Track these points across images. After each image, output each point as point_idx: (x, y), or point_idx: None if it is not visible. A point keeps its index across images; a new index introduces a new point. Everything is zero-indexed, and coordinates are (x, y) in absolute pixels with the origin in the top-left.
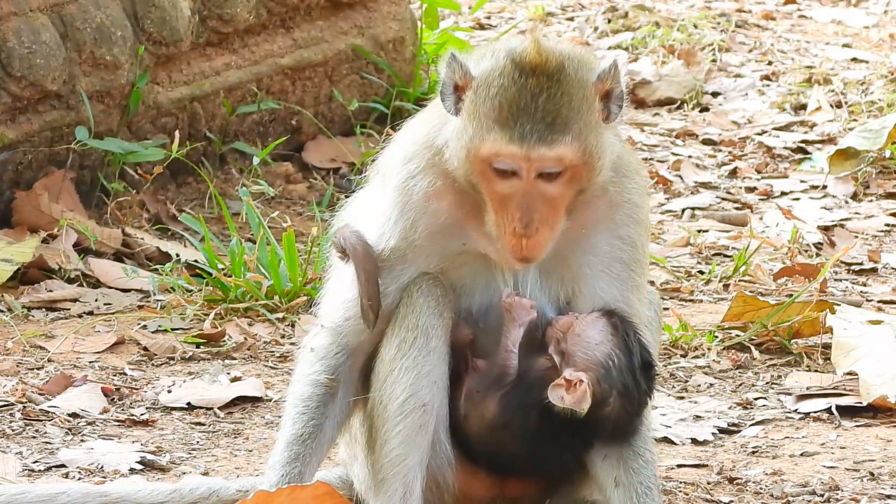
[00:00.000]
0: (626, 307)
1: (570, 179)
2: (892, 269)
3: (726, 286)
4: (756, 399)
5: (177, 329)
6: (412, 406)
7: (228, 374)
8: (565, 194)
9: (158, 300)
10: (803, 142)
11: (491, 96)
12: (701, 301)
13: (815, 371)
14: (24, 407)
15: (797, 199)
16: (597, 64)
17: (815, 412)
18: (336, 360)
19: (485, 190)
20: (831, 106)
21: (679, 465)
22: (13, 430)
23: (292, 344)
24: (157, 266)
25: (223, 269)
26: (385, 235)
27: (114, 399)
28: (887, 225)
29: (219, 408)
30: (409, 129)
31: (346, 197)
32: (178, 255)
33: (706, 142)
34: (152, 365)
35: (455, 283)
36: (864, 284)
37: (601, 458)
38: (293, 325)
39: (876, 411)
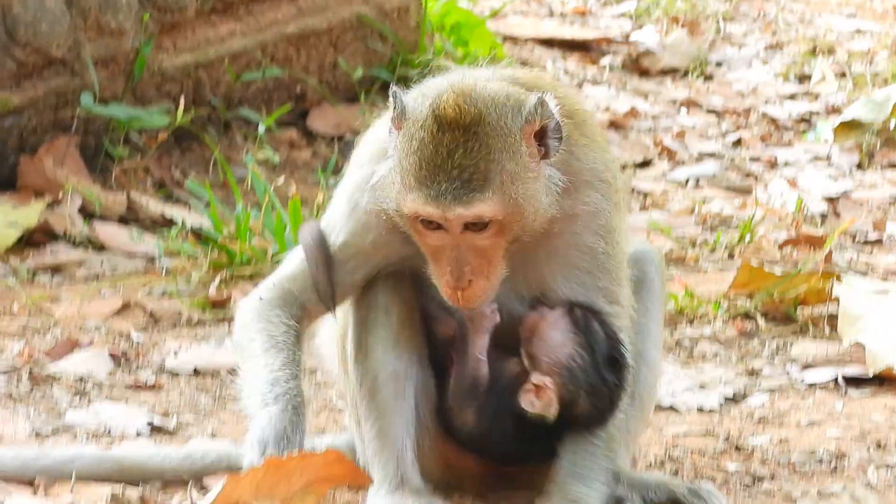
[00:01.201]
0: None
1: (500, 230)
2: None
3: (731, 255)
4: (762, 368)
5: (182, 294)
6: (384, 378)
7: None
8: (497, 245)
9: (164, 265)
10: (808, 112)
11: (412, 150)
12: (706, 270)
13: (821, 340)
14: (31, 370)
15: (802, 169)
16: (524, 105)
17: (821, 381)
18: (293, 309)
19: (418, 241)
20: (835, 76)
21: (685, 434)
22: (20, 394)
23: None
24: (163, 231)
25: (228, 235)
26: (337, 230)
27: (120, 363)
28: (892, 195)
29: (225, 372)
30: (374, 131)
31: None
32: (183, 220)
33: (710, 111)
34: (158, 329)
35: (428, 279)
36: (870, 254)
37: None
38: None
39: (882, 381)
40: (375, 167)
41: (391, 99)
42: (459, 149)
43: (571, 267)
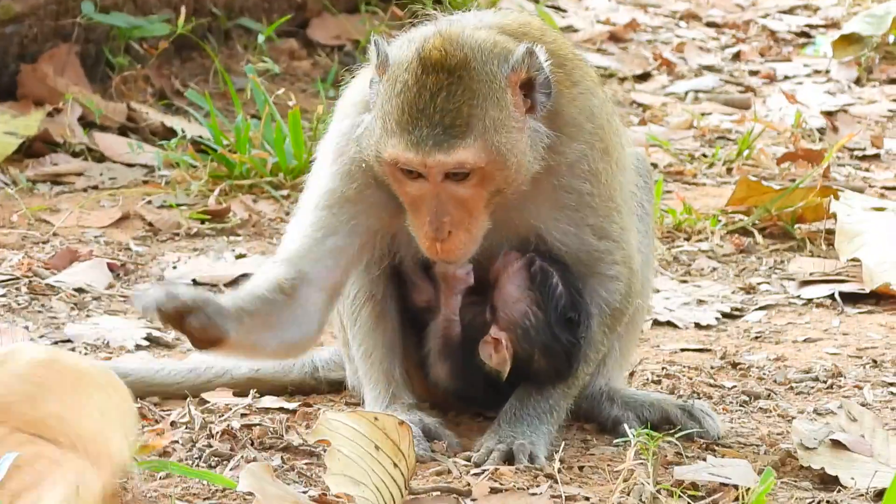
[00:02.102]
0: (582, 247)
1: (481, 180)
2: (895, 155)
3: (729, 170)
4: (759, 284)
5: (182, 205)
6: (362, 299)
7: (233, 250)
8: (478, 196)
9: (163, 175)
10: (807, 26)
11: (395, 94)
12: (704, 184)
13: (819, 257)
14: (30, 281)
15: (800, 83)
16: (511, 54)
17: (818, 298)
18: (291, 272)
19: (397, 190)
20: None
21: (682, 350)
22: (19, 304)
23: None
24: (162, 141)
25: (228, 146)
26: (322, 177)
27: (119, 274)
28: (890, 111)
29: (224, 284)
30: (357, 81)
31: (351, 75)
32: (182, 131)
33: (710, 24)
34: (157, 240)
35: (411, 240)
36: (867, 170)
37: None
38: (297, 203)
39: (879, 298)
40: (359, 118)
41: (373, 47)
42: (443, 92)
43: (559, 208)
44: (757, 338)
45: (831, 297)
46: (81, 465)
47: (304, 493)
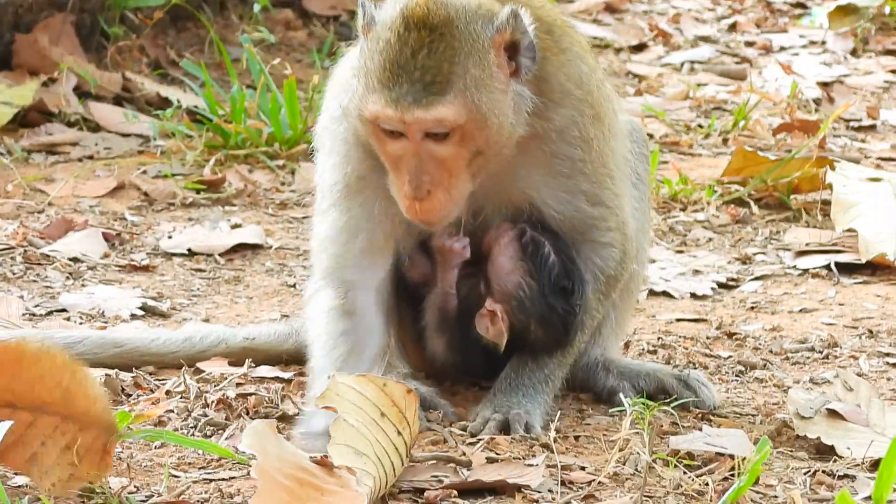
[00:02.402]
0: (576, 214)
1: (462, 140)
2: (891, 125)
3: (725, 140)
4: (755, 254)
5: (177, 175)
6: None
7: (229, 220)
8: (458, 155)
9: (158, 145)
10: None
11: (378, 51)
12: (700, 155)
13: (815, 227)
14: (25, 251)
15: (796, 54)
16: (496, 15)
17: (814, 268)
18: (342, 291)
19: (378, 149)
20: None
21: (678, 320)
22: (14, 274)
23: (292, 191)
24: (158, 111)
25: (223, 116)
26: (323, 170)
27: (114, 244)
28: (886, 81)
29: (219, 254)
30: (343, 62)
31: (347, 45)
32: (178, 101)
33: None
34: (152, 210)
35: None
36: (863, 141)
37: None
38: (293, 173)
39: (874, 269)
40: (343, 96)
41: (359, 8)
42: (424, 49)
43: (551, 175)
44: (753, 308)
45: (827, 267)
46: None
47: None
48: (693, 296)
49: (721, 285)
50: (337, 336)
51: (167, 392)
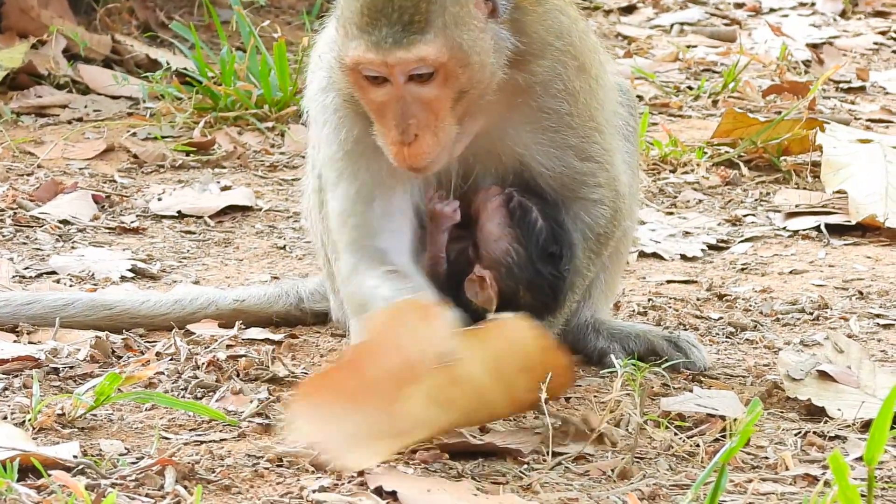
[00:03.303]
0: (566, 170)
1: (445, 80)
2: (880, 87)
3: (715, 102)
4: (745, 216)
5: (166, 137)
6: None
7: (218, 182)
8: (443, 96)
9: (148, 108)
10: None
11: None
12: (690, 117)
13: (804, 189)
14: (15, 213)
15: (786, 15)
16: None
17: (804, 230)
18: (376, 257)
19: (362, 100)
20: None
21: (669, 281)
22: (4, 236)
23: (282, 153)
24: (147, 73)
25: (213, 78)
26: (322, 144)
27: (104, 206)
28: (875, 43)
29: (209, 216)
30: (324, 34)
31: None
32: (167, 63)
33: None
34: (142, 172)
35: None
36: (853, 103)
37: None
38: (283, 135)
39: (864, 230)
40: (326, 62)
41: None
42: None
43: (540, 131)
44: (743, 269)
45: (817, 228)
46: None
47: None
48: (683, 257)
49: (711, 247)
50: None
51: (157, 354)
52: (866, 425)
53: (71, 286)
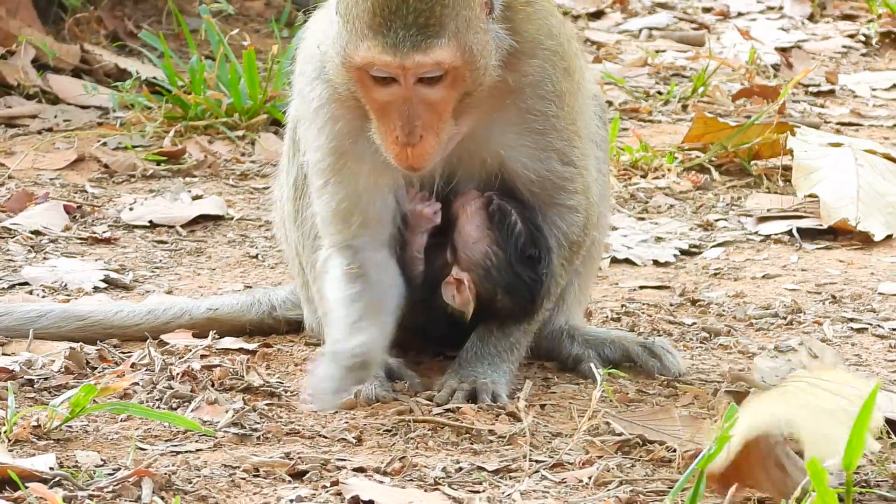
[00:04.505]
0: (548, 174)
1: (453, 82)
2: (850, 90)
3: (685, 107)
4: (717, 221)
5: (137, 146)
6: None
7: (190, 192)
8: (448, 98)
9: (118, 117)
10: None
11: None
12: (660, 122)
13: (776, 193)
14: None
15: (754, 19)
16: None
17: (776, 234)
18: (351, 252)
19: (365, 98)
20: None
21: (641, 287)
22: None
23: (252, 162)
24: (117, 83)
25: (183, 87)
26: (309, 139)
27: (76, 217)
28: (844, 46)
29: (181, 226)
30: (311, 25)
31: (304, 14)
32: (137, 73)
33: None
34: (113, 182)
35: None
36: (822, 106)
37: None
38: (253, 143)
39: (836, 234)
40: (316, 57)
41: None
42: None
43: (526, 132)
44: (715, 274)
45: (789, 233)
46: None
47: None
48: (656, 263)
49: (683, 252)
50: (349, 303)
51: (132, 365)
52: None
53: (44, 297)
